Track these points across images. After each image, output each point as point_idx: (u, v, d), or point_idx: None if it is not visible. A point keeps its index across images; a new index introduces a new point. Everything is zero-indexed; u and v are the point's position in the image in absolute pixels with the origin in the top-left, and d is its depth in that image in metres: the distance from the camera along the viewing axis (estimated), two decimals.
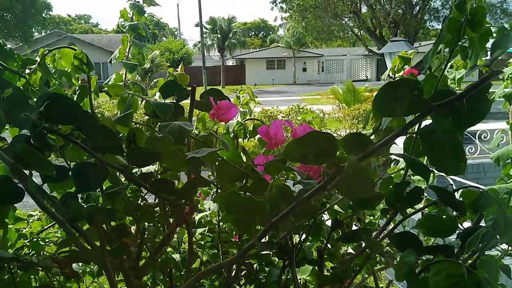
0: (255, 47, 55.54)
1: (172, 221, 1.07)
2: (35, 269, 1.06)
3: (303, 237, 1.07)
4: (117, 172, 0.85)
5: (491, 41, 0.74)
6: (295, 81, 38.58)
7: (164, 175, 1.08)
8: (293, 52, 37.36)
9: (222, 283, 1.24)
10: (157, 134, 0.91)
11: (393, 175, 1.04)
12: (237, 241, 1.32)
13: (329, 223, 1.10)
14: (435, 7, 24.88)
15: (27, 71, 1.36)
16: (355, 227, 1.10)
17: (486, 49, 0.80)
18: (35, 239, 1.41)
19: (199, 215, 1.44)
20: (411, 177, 1.14)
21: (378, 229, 1.09)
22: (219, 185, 1.07)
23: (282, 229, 0.74)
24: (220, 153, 0.93)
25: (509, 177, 1.76)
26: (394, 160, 1.39)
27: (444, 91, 0.78)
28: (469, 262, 0.84)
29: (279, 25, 57.01)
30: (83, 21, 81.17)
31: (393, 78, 1.90)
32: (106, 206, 0.98)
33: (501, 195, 1.13)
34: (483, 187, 0.89)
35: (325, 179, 0.63)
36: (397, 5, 23.20)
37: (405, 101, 0.59)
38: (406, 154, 0.82)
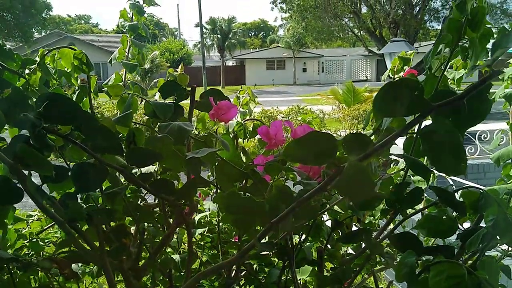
0: (255, 48, 55.54)
1: (171, 221, 1.07)
2: (35, 269, 1.06)
3: (303, 237, 1.06)
4: (117, 172, 0.85)
5: (491, 42, 0.74)
6: (295, 82, 38.60)
7: (163, 176, 1.07)
8: (293, 52, 37.38)
9: (221, 284, 1.24)
10: (157, 134, 0.91)
11: (393, 175, 1.04)
12: (236, 242, 1.32)
13: (329, 223, 1.10)
14: (435, 8, 24.88)
15: (27, 71, 1.36)
16: (355, 228, 1.10)
17: (487, 49, 0.80)
18: (34, 240, 1.41)
19: (198, 215, 1.43)
20: (411, 178, 1.14)
21: (378, 230, 1.09)
22: (218, 186, 1.07)
23: (282, 229, 0.74)
24: (220, 153, 0.92)
25: (509, 178, 1.76)
26: (394, 160, 1.39)
27: (444, 91, 0.78)
28: (469, 262, 0.84)
29: (279, 25, 57.08)
30: (83, 21, 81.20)
31: (393, 78, 1.90)
32: (105, 206, 0.98)
33: (501, 196, 1.13)
34: (483, 188, 0.89)
35: (325, 179, 0.63)
36: (397, 5, 23.19)
37: (405, 101, 0.59)
38: (406, 154, 0.81)
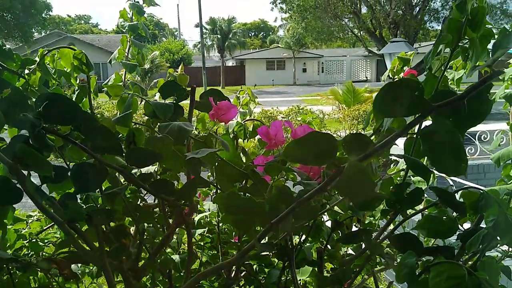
0: (255, 48, 55.53)
1: (171, 222, 1.07)
2: (34, 270, 1.06)
3: (303, 238, 1.06)
4: (116, 172, 0.85)
5: (491, 42, 0.74)
6: (295, 82, 38.60)
7: (163, 176, 1.07)
8: (293, 52, 37.38)
9: (221, 284, 1.24)
10: (156, 134, 0.91)
11: (393, 176, 1.04)
12: (236, 242, 1.32)
13: (329, 224, 1.09)
14: (435, 8, 24.90)
15: (26, 71, 1.36)
16: (355, 228, 1.09)
17: (488, 50, 0.80)
18: (34, 240, 1.41)
19: (198, 216, 1.43)
20: (411, 178, 1.13)
21: (378, 230, 1.09)
22: (218, 186, 1.07)
23: (282, 230, 0.74)
24: (219, 153, 0.92)
25: (510, 178, 1.76)
26: (394, 161, 1.39)
27: (444, 91, 0.78)
28: (470, 263, 0.84)
29: (279, 25, 57.04)
30: (83, 22, 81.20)
31: (393, 79, 1.90)
32: (105, 206, 0.98)
33: (501, 196, 1.13)
34: (484, 188, 0.89)
35: (325, 180, 0.63)
36: (397, 6, 23.21)
37: (405, 101, 0.59)
38: (406, 155, 0.81)
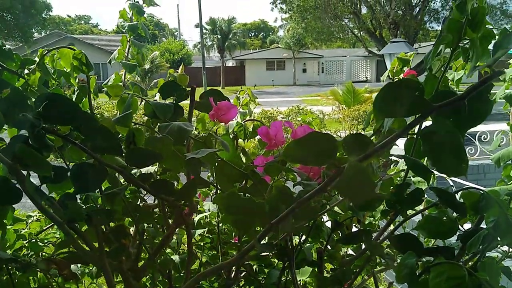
0: (255, 48, 55.53)
1: (171, 222, 1.07)
2: (34, 270, 1.06)
3: (303, 238, 1.06)
4: (116, 173, 0.85)
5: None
6: (295, 82, 38.60)
7: (163, 176, 1.07)
8: (293, 53, 37.38)
9: (221, 285, 1.24)
10: (156, 134, 0.91)
11: (393, 176, 1.04)
12: (236, 243, 1.32)
13: (329, 224, 1.09)
14: (435, 8, 24.91)
15: (26, 71, 1.35)
16: (355, 229, 1.09)
17: (489, 51, 0.80)
18: (34, 240, 1.41)
19: (198, 216, 1.43)
20: (411, 179, 1.13)
21: (378, 231, 1.09)
22: (218, 186, 1.07)
23: (281, 230, 0.74)
24: (219, 154, 0.92)
25: (510, 179, 1.76)
26: (394, 161, 1.39)
27: (445, 92, 0.78)
28: (470, 264, 0.84)
29: (279, 26, 57.08)
30: (83, 22, 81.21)
31: (392, 79, 1.90)
32: (105, 207, 0.98)
33: (502, 197, 1.12)
34: (484, 189, 0.89)
35: (325, 180, 0.62)
36: (397, 6, 23.22)
37: (406, 101, 0.59)
38: (407, 155, 0.81)
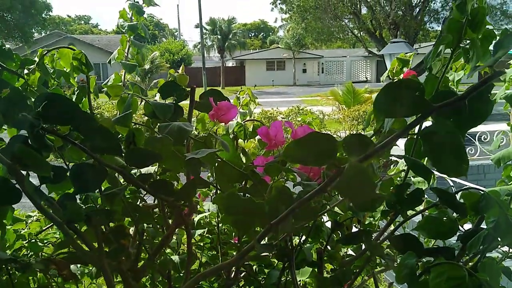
0: (255, 48, 55.55)
1: (171, 222, 1.07)
2: (33, 270, 1.06)
3: (303, 239, 1.06)
4: (116, 173, 0.85)
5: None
6: (295, 82, 38.60)
7: (163, 176, 1.07)
8: (293, 53, 37.38)
9: (221, 285, 1.24)
10: (156, 135, 0.91)
11: (393, 176, 1.04)
12: (236, 243, 1.31)
13: (329, 224, 1.09)
14: (435, 9, 24.93)
15: (26, 71, 1.35)
16: (355, 229, 1.09)
17: (490, 52, 0.80)
18: (33, 240, 1.41)
19: (198, 216, 1.43)
20: (412, 179, 1.13)
21: (378, 231, 1.09)
22: (218, 186, 1.07)
23: (281, 230, 0.74)
24: (219, 154, 0.92)
25: (510, 179, 1.76)
26: (394, 161, 1.38)
27: (445, 92, 0.78)
28: (470, 264, 0.84)
29: (279, 26, 57.03)
30: (83, 22, 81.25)
31: (392, 79, 1.90)
32: (104, 207, 0.97)
33: (502, 197, 1.12)
34: (484, 189, 0.89)
35: (325, 180, 0.62)
36: (397, 6, 23.23)
37: (406, 102, 0.58)
38: (407, 155, 0.81)
